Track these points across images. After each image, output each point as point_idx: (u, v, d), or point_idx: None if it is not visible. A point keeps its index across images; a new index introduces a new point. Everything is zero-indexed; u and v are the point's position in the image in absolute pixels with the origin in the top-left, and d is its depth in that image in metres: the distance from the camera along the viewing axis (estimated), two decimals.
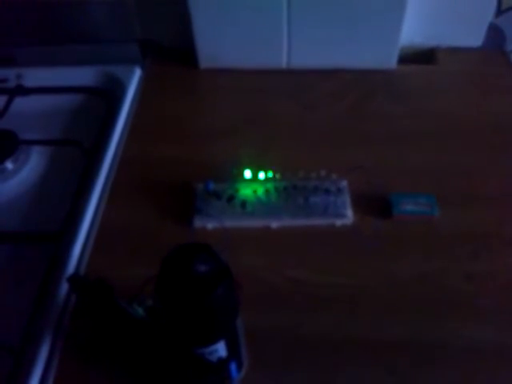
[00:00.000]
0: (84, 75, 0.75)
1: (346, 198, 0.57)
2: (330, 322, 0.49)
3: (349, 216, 0.55)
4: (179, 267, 0.35)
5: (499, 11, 0.71)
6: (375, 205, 0.57)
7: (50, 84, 0.74)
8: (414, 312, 0.49)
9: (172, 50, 0.77)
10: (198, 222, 0.56)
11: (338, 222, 0.55)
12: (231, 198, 0.57)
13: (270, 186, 0.58)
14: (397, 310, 0.49)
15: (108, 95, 0.73)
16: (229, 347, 0.40)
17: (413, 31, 0.72)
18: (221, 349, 0.39)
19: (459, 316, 0.49)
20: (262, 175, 0.58)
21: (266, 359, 0.46)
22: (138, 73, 0.74)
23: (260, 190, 0.57)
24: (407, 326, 0.48)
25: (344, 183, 0.58)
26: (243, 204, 0.56)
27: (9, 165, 0.65)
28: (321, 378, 0.46)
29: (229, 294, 0.36)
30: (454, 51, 0.74)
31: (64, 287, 0.51)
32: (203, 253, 0.36)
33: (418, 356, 0.46)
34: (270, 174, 0.58)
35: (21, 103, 0.73)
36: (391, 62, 0.72)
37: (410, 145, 0.63)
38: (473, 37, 0.73)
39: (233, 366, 0.42)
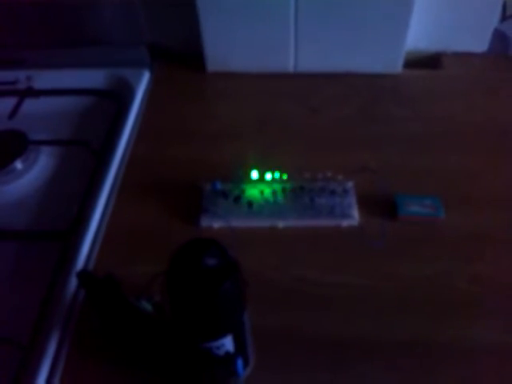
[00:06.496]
0: (93, 78, 0.76)
1: (352, 199, 0.57)
2: (336, 322, 0.49)
3: (355, 217, 0.56)
4: (188, 261, 0.36)
5: (504, 17, 0.72)
6: (381, 206, 0.57)
7: (60, 86, 0.75)
8: (420, 312, 0.50)
9: (180, 54, 0.78)
10: (205, 222, 0.56)
11: (344, 223, 0.56)
12: (238, 198, 0.57)
13: (276, 186, 0.58)
14: (402, 310, 0.50)
15: (117, 97, 0.74)
16: (236, 343, 0.40)
17: (418, 36, 0.72)
18: (228, 344, 0.39)
19: (465, 317, 0.49)
20: (268, 176, 0.59)
21: (273, 357, 0.46)
22: (146, 75, 0.75)
23: (267, 191, 0.58)
24: (413, 326, 0.49)
25: (350, 184, 0.58)
26: (250, 204, 0.57)
27: (18, 165, 0.65)
28: (328, 377, 0.46)
29: (236, 288, 0.37)
30: (460, 56, 0.75)
31: (72, 284, 0.52)
32: (212, 247, 0.36)
33: (424, 356, 0.47)
34: (277, 175, 0.59)
35: (31, 105, 0.74)
36: (397, 67, 0.73)
37: (415, 147, 0.63)
38: (478, 42, 0.74)
39: (239, 362, 0.42)
